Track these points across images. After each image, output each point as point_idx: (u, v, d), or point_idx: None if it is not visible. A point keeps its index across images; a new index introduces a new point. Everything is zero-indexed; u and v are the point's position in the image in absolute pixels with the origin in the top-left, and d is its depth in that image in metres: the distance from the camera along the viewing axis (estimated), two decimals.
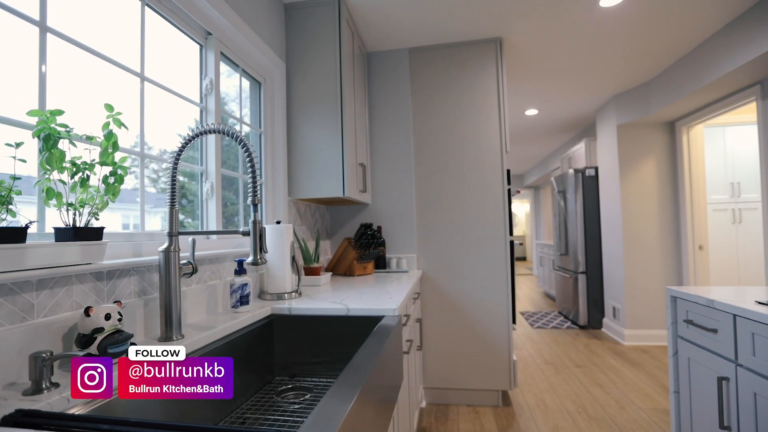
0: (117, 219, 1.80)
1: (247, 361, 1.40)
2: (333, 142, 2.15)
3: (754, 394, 1.22)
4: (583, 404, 2.66)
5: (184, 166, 1.54)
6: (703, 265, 3.66)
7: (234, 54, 1.78)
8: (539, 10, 2.37)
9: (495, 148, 2.68)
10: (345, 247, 2.55)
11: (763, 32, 2.27)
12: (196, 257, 1.37)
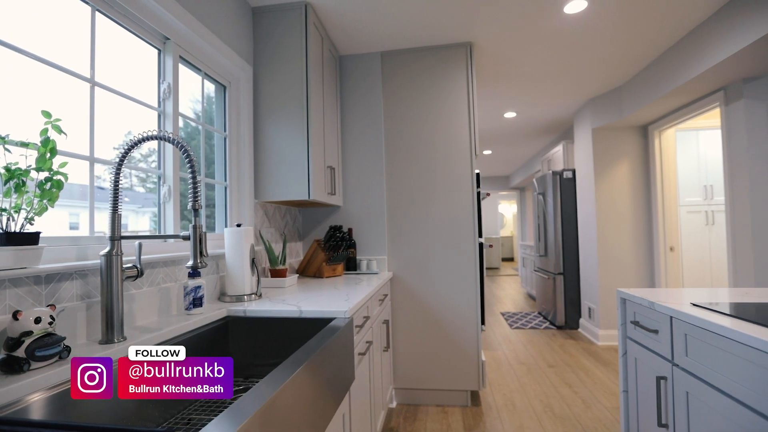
0: (104, 219, 1.81)
1: None
2: (299, 145, 2.17)
3: (687, 393, 1.27)
4: (550, 403, 2.70)
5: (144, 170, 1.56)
6: (674, 266, 3.73)
7: (195, 58, 1.79)
8: (506, 16, 2.41)
9: (465, 152, 2.71)
10: (314, 249, 2.58)
11: (724, 38, 2.33)
12: (151, 260, 1.39)
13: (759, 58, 2.32)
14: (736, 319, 1.11)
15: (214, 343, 1.49)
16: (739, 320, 1.10)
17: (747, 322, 1.08)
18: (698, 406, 1.21)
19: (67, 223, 1.33)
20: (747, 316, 1.12)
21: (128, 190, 1.71)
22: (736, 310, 1.21)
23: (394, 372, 2.75)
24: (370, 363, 1.95)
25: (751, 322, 1.07)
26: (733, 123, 2.72)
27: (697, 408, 1.22)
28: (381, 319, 2.33)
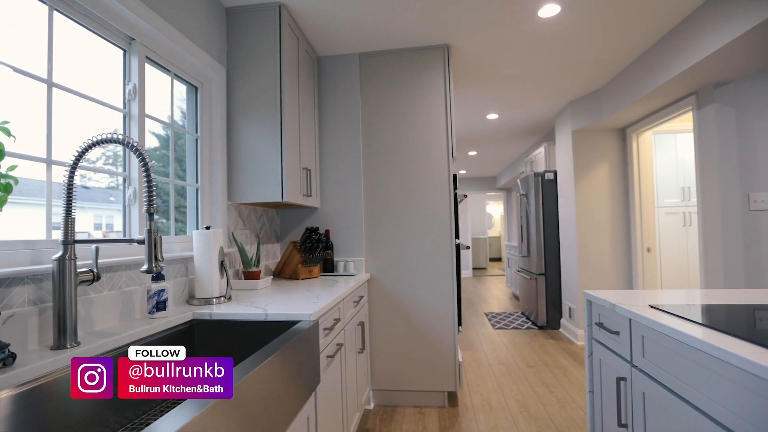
0: (89, 219, 1.80)
1: None
2: (272, 147, 2.16)
3: (643, 394, 1.29)
4: (526, 404, 2.72)
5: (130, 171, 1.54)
6: (651, 266, 3.79)
7: (163, 59, 1.78)
8: (482, 18, 2.42)
9: (442, 153, 2.72)
10: (291, 250, 2.57)
11: (694, 44, 2.37)
12: (113, 263, 1.38)
13: (727, 63, 2.36)
14: (685, 322, 1.13)
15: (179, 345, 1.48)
16: (688, 322, 1.12)
17: (695, 324, 1.10)
18: (654, 407, 1.23)
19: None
20: (695, 318, 1.15)
21: (114, 189, 1.70)
22: (688, 312, 1.24)
23: (371, 373, 2.76)
24: (342, 365, 1.95)
25: (699, 324, 1.09)
26: (705, 127, 2.77)
27: (652, 409, 1.24)
28: (356, 321, 2.33)
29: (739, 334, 0.98)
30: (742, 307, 1.33)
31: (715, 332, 1.02)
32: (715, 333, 1.01)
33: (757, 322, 1.12)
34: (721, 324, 1.09)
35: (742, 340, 0.94)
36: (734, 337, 0.97)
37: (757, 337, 0.96)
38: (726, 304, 1.38)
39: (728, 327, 1.05)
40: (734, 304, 1.36)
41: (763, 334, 0.98)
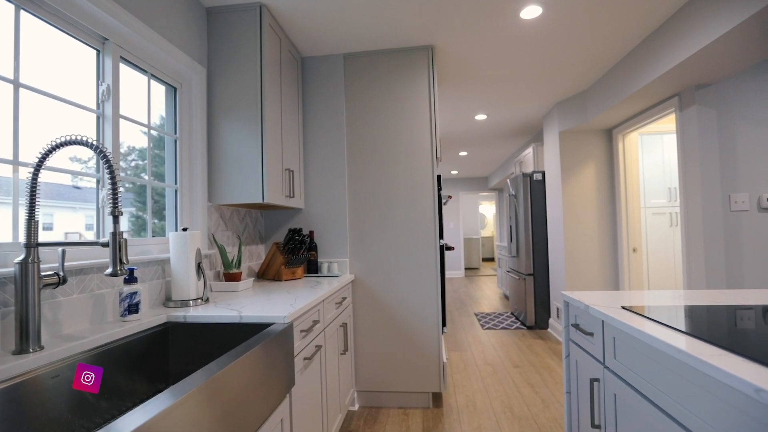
0: (80, 219, 1.79)
1: (135, 368, 1.39)
2: (253, 148, 2.15)
3: (615, 395, 1.29)
4: (510, 404, 2.73)
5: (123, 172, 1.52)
6: (637, 266, 3.81)
7: (139, 59, 1.76)
8: (465, 19, 2.42)
9: (426, 155, 2.72)
10: (273, 252, 2.56)
11: (675, 45, 2.38)
12: (84, 266, 1.36)
13: (707, 65, 2.38)
14: (653, 324, 1.14)
15: (151, 349, 1.47)
16: (656, 324, 1.13)
17: (662, 326, 1.11)
18: (624, 409, 1.24)
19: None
20: (663, 320, 1.15)
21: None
22: (658, 314, 1.24)
23: (356, 374, 2.75)
24: (322, 367, 1.94)
25: (666, 326, 1.10)
26: (687, 128, 2.79)
27: (623, 411, 1.25)
28: (338, 322, 2.33)
29: (704, 336, 0.99)
30: (713, 308, 1.33)
31: (680, 334, 1.02)
32: (680, 335, 1.02)
33: (725, 324, 1.13)
34: (686, 326, 1.09)
35: (707, 343, 0.95)
36: (699, 340, 0.97)
37: (722, 340, 0.96)
38: (699, 305, 1.39)
39: (693, 329, 1.06)
40: (706, 305, 1.37)
41: (727, 337, 0.99)
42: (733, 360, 0.82)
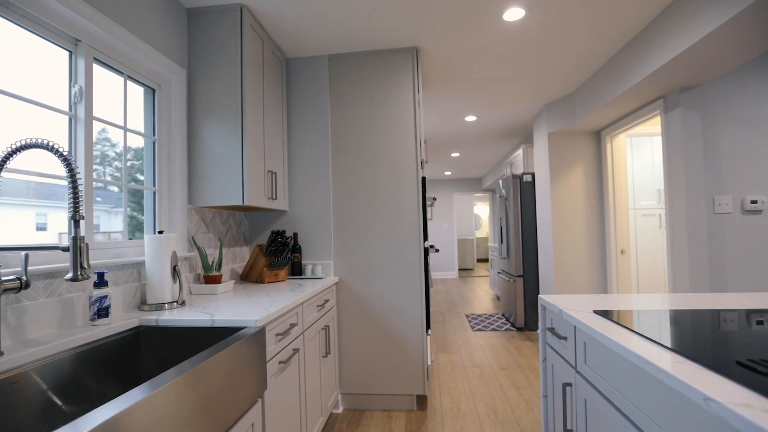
0: None
1: (106, 373, 1.38)
2: (234, 150, 2.14)
3: (585, 401, 1.29)
4: (495, 407, 2.72)
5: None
6: (625, 268, 3.81)
7: (115, 60, 1.75)
8: (449, 21, 2.42)
9: (410, 157, 2.72)
10: (256, 254, 2.55)
11: (659, 48, 2.38)
12: (52, 269, 1.35)
13: (691, 68, 2.38)
14: (621, 329, 1.13)
15: (122, 354, 1.46)
16: (623, 330, 1.12)
17: (629, 331, 1.10)
18: (594, 415, 1.23)
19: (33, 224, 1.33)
20: (630, 325, 1.15)
21: (101, 189, 1.70)
22: (626, 317, 1.24)
23: (340, 377, 2.74)
24: (300, 370, 1.93)
25: (632, 332, 1.09)
26: (671, 130, 2.80)
27: (593, 417, 1.24)
28: (320, 325, 2.32)
29: (666, 342, 0.98)
30: (683, 313, 1.33)
31: (644, 340, 1.02)
32: (643, 341, 1.01)
33: (690, 329, 1.12)
34: (651, 331, 1.09)
35: (667, 349, 0.94)
36: (660, 346, 0.97)
37: (683, 346, 0.96)
38: (670, 309, 1.38)
39: (657, 334, 1.06)
40: (677, 310, 1.37)
41: (690, 343, 0.98)
42: (688, 367, 0.82)
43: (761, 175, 2.68)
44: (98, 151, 1.77)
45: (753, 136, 2.69)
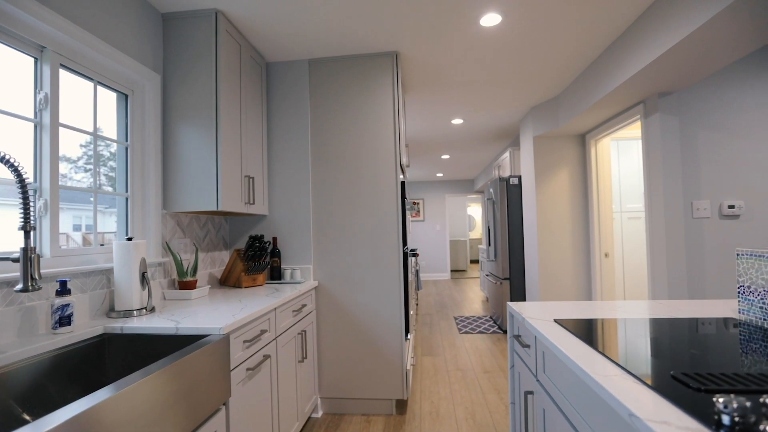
0: (67, 220, 1.80)
1: (70, 381, 1.38)
2: (208, 155, 2.14)
3: (543, 410, 1.29)
4: (474, 411, 2.73)
5: None
6: (608, 272, 3.83)
7: (83, 67, 1.74)
8: (427, 26, 2.42)
9: (390, 161, 2.72)
10: (234, 259, 2.54)
11: (636, 53, 2.39)
12: (10, 278, 1.34)
13: (666, 73, 2.39)
14: (573, 338, 1.14)
15: (86, 361, 1.45)
16: (575, 338, 1.13)
17: (580, 341, 1.11)
18: (551, 425, 1.23)
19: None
20: (584, 335, 1.15)
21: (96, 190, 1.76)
22: (582, 327, 1.24)
23: (319, 381, 2.74)
24: (271, 376, 1.93)
25: (584, 342, 1.10)
26: (650, 135, 2.81)
27: (550, 426, 1.25)
28: (296, 330, 2.32)
29: (611, 354, 0.99)
30: (636, 322, 1.34)
31: (593, 351, 1.02)
32: (592, 352, 1.02)
33: (642, 340, 1.13)
34: (602, 342, 1.09)
35: (611, 362, 0.95)
36: (606, 358, 0.97)
37: (627, 359, 0.96)
38: (632, 318, 1.39)
39: (606, 346, 1.06)
40: (636, 319, 1.37)
41: (633, 355, 0.99)
42: (624, 381, 0.82)
43: (738, 180, 2.70)
44: (92, 151, 1.78)
45: (729, 141, 2.71)
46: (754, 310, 1.23)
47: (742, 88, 2.71)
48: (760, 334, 1.15)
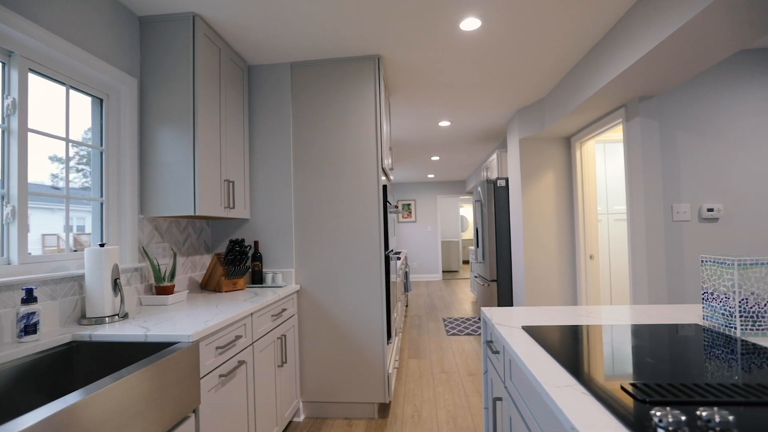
0: (59, 221, 1.80)
1: (36, 389, 1.37)
2: (185, 159, 2.13)
3: (510, 418, 1.30)
4: (455, 414, 2.73)
5: None
6: (594, 274, 3.85)
7: (55, 71, 1.73)
8: (408, 30, 2.42)
9: (371, 165, 2.72)
10: (214, 263, 2.53)
11: (615, 58, 2.39)
12: None
13: (645, 77, 2.41)
14: (535, 346, 1.14)
15: (53, 370, 1.44)
16: (537, 346, 1.13)
17: (543, 349, 1.11)
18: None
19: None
20: (545, 342, 1.15)
21: (87, 190, 1.84)
22: (546, 334, 1.25)
23: (301, 385, 2.73)
24: (247, 381, 1.92)
25: (545, 350, 1.10)
26: (632, 138, 2.83)
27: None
28: (275, 334, 2.31)
29: (569, 363, 0.99)
30: (609, 328, 1.34)
31: (550, 359, 1.03)
32: (549, 360, 1.02)
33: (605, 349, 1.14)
34: (566, 350, 1.10)
35: (566, 371, 0.95)
36: (563, 367, 0.98)
37: (585, 372, 0.97)
38: (597, 324, 1.40)
39: (569, 355, 1.06)
40: (604, 325, 1.38)
41: (587, 364, 0.99)
42: (573, 393, 0.83)
43: (717, 183, 2.72)
44: (85, 150, 1.79)
45: (708, 144, 2.73)
46: (717, 316, 1.24)
47: (719, 92, 2.73)
48: (721, 340, 1.16)
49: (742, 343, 1.13)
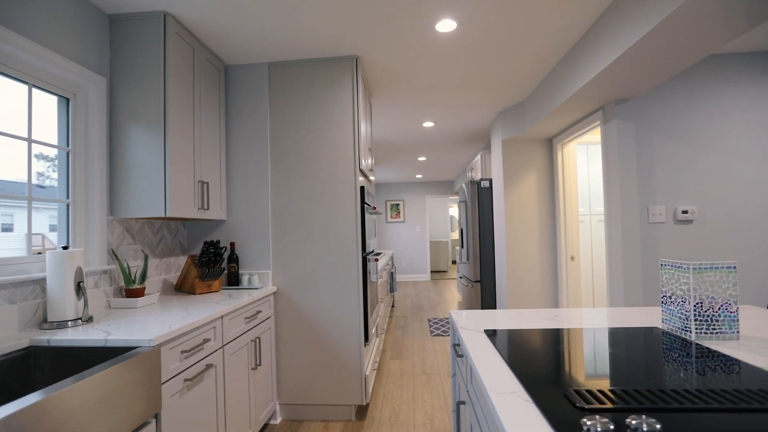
0: (44, 220, 1.77)
1: None
2: (156, 160, 2.10)
3: (471, 425, 1.29)
4: (433, 416, 2.73)
5: None
6: (574, 275, 3.87)
7: (16, 70, 1.69)
8: (385, 30, 2.41)
9: (349, 167, 2.70)
10: (189, 265, 2.50)
11: (591, 61, 2.40)
12: None
13: (619, 80, 2.42)
14: (491, 351, 1.14)
15: (9, 376, 1.41)
16: (493, 351, 1.13)
17: (497, 353, 1.11)
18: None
19: None
20: (504, 346, 1.15)
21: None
22: (503, 338, 1.25)
23: (278, 388, 2.72)
24: (216, 385, 1.90)
25: (499, 353, 1.10)
26: (609, 141, 2.84)
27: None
28: (249, 337, 2.29)
29: (520, 369, 0.99)
30: (567, 332, 1.35)
31: (504, 366, 1.02)
32: (503, 367, 1.02)
33: (558, 354, 1.14)
34: (519, 354, 1.09)
35: (517, 378, 0.95)
36: (514, 373, 0.97)
37: (532, 377, 0.97)
38: (555, 328, 1.40)
39: (521, 360, 1.06)
40: (562, 329, 1.38)
41: (540, 371, 0.99)
42: (516, 399, 0.82)
43: (691, 186, 2.75)
44: None
45: (682, 147, 2.76)
46: (674, 320, 1.25)
47: (692, 96, 2.76)
48: (677, 344, 1.17)
49: (697, 346, 1.14)
